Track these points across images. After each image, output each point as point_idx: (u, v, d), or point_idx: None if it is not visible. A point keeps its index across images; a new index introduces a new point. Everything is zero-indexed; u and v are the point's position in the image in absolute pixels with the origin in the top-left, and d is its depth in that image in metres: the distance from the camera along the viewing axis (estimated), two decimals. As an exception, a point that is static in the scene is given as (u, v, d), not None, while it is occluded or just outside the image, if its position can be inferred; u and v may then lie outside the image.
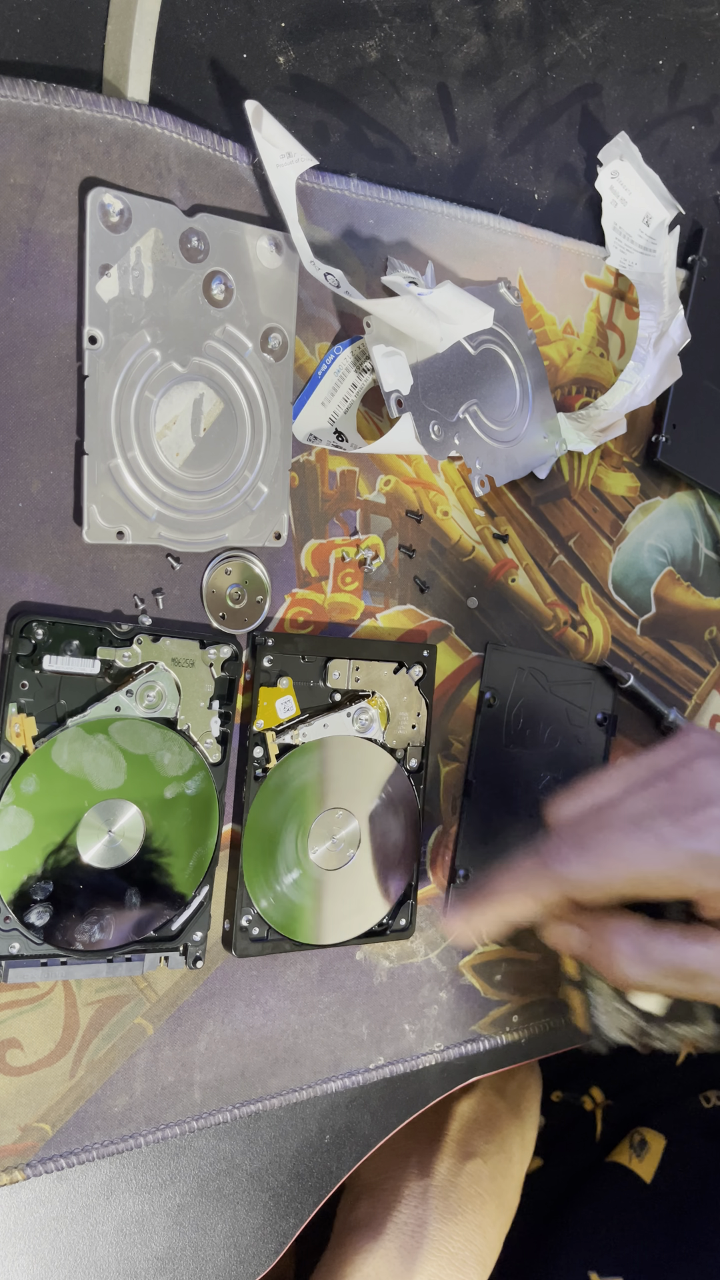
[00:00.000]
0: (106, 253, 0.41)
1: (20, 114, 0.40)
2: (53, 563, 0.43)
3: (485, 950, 0.56)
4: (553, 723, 0.57)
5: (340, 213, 0.48)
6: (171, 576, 0.45)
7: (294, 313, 0.46)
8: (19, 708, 0.42)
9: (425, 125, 0.51)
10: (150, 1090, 0.46)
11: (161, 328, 0.43)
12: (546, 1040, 0.59)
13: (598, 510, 0.58)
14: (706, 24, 0.59)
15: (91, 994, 0.45)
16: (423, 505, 0.52)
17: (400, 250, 0.50)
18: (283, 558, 0.48)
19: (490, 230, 0.52)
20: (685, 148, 0.60)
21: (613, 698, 0.59)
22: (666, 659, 0.62)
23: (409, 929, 0.53)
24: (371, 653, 0.50)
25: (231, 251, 0.44)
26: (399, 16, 0.50)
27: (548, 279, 0.54)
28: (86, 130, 0.41)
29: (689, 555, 0.63)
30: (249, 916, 0.48)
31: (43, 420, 0.42)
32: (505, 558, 0.55)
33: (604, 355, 0.57)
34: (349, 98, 0.49)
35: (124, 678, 0.44)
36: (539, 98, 0.55)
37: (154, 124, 0.42)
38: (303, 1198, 0.52)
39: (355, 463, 0.50)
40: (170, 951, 0.46)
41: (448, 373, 0.49)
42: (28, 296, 0.41)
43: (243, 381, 0.45)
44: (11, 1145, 0.43)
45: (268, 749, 0.47)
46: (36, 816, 0.42)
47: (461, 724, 0.55)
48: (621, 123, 0.57)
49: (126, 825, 0.44)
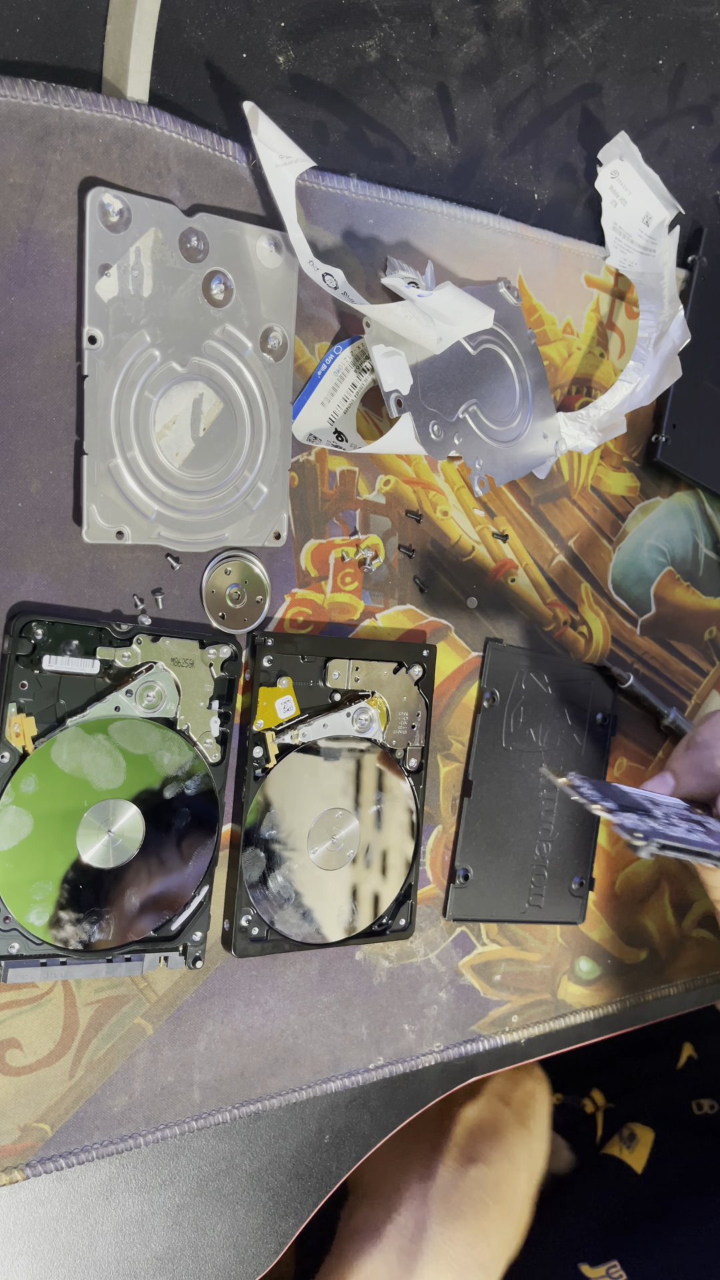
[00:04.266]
0: (106, 252, 0.41)
1: (20, 114, 0.40)
2: (52, 562, 0.43)
3: (485, 950, 0.56)
4: (553, 723, 0.57)
5: (340, 213, 0.48)
6: (171, 576, 0.45)
7: (294, 313, 0.46)
8: (19, 708, 0.42)
9: (425, 125, 0.51)
10: (150, 1090, 0.46)
11: (161, 328, 0.43)
12: (546, 1040, 0.59)
13: (597, 510, 0.58)
14: (706, 24, 0.59)
15: (91, 994, 0.45)
16: (422, 505, 0.52)
17: (400, 250, 0.50)
18: (282, 558, 0.48)
19: (490, 230, 0.52)
20: (685, 148, 0.60)
21: (612, 698, 0.59)
22: (666, 659, 0.62)
23: (409, 929, 0.53)
24: (371, 653, 0.50)
25: (231, 251, 0.44)
26: (399, 16, 0.50)
27: (548, 279, 0.54)
28: (86, 130, 0.41)
29: (689, 555, 0.63)
30: (249, 916, 0.48)
31: (42, 420, 0.42)
32: (505, 558, 0.55)
33: (604, 355, 0.57)
34: (349, 98, 0.49)
35: (123, 678, 0.44)
36: (539, 98, 0.55)
37: (154, 124, 0.42)
38: (302, 1198, 0.52)
39: (355, 463, 0.50)
40: (170, 951, 0.46)
41: (447, 373, 0.49)
42: (27, 296, 0.41)
43: (242, 381, 0.45)
44: (11, 1145, 0.43)
45: (267, 749, 0.47)
46: (36, 816, 0.42)
47: (461, 724, 0.55)
48: (621, 123, 0.57)
49: (126, 825, 0.44)
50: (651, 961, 0.63)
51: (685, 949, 0.64)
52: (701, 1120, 0.68)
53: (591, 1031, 0.61)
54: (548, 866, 0.57)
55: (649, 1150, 0.66)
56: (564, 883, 0.58)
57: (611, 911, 0.61)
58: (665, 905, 0.63)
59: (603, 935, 0.61)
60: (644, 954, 0.63)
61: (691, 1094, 0.71)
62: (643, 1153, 0.66)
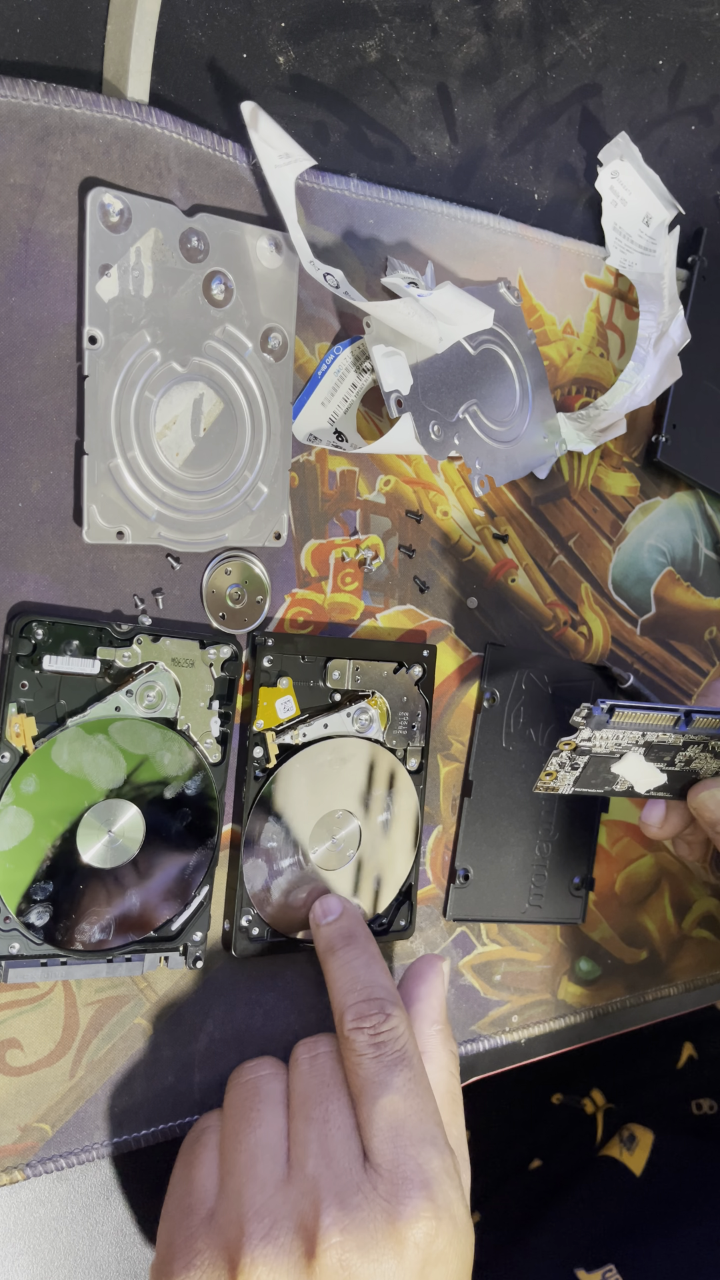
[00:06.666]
0: (106, 253, 0.41)
1: (20, 114, 0.40)
2: (53, 563, 0.43)
3: (485, 950, 0.56)
4: (553, 723, 0.57)
5: (340, 213, 0.48)
6: (171, 576, 0.45)
7: (294, 313, 0.46)
8: (19, 708, 0.42)
9: (425, 125, 0.51)
10: (150, 1090, 0.46)
11: (161, 328, 0.43)
12: (546, 1040, 0.59)
13: (598, 510, 0.58)
14: (706, 24, 0.59)
15: (91, 994, 0.45)
16: (423, 505, 0.52)
17: (400, 250, 0.50)
18: (283, 558, 0.48)
19: (490, 230, 0.52)
20: (685, 148, 0.60)
21: (612, 698, 0.59)
22: (666, 659, 0.62)
23: (409, 929, 0.53)
24: (371, 653, 0.50)
25: (231, 251, 0.44)
26: (399, 16, 0.50)
27: (548, 279, 0.54)
28: (86, 130, 0.41)
29: (689, 555, 0.63)
30: (249, 916, 0.48)
31: (43, 420, 0.42)
32: (505, 558, 0.55)
33: (604, 355, 0.57)
34: (349, 98, 0.49)
35: (124, 678, 0.44)
36: (539, 98, 0.55)
37: (154, 124, 0.42)
38: (303, 1198, 0.52)
39: (355, 463, 0.50)
40: (170, 951, 0.46)
41: (447, 373, 0.49)
42: (28, 296, 0.41)
43: (243, 381, 0.45)
44: (11, 1145, 0.43)
45: (268, 749, 0.47)
46: (36, 816, 0.42)
47: (461, 724, 0.55)
48: (621, 123, 0.57)
49: (126, 825, 0.44)
50: (651, 961, 0.63)
51: (685, 949, 0.64)
52: (701, 1121, 0.68)
53: (591, 1031, 0.61)
54: (548, 866, 0.57)
55: (648, 1153, 0.66)
56: (564, 883, 0.58)
57: (611, 911, 0.61)
58: (665, 905, 0.64)
59: (603, 935, 0.61)
60: (644, 954, 0.63)
61: (691, 1094, 0.71)
62: (642, 1155, 0.66)
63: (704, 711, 0.48)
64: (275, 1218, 0.38)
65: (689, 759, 0.50)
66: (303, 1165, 0.39)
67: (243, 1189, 0.39)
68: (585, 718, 0.45)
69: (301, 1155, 0.40)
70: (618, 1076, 0.74)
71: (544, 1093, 0.76)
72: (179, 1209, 0.41)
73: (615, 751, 0.48)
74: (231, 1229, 0.38)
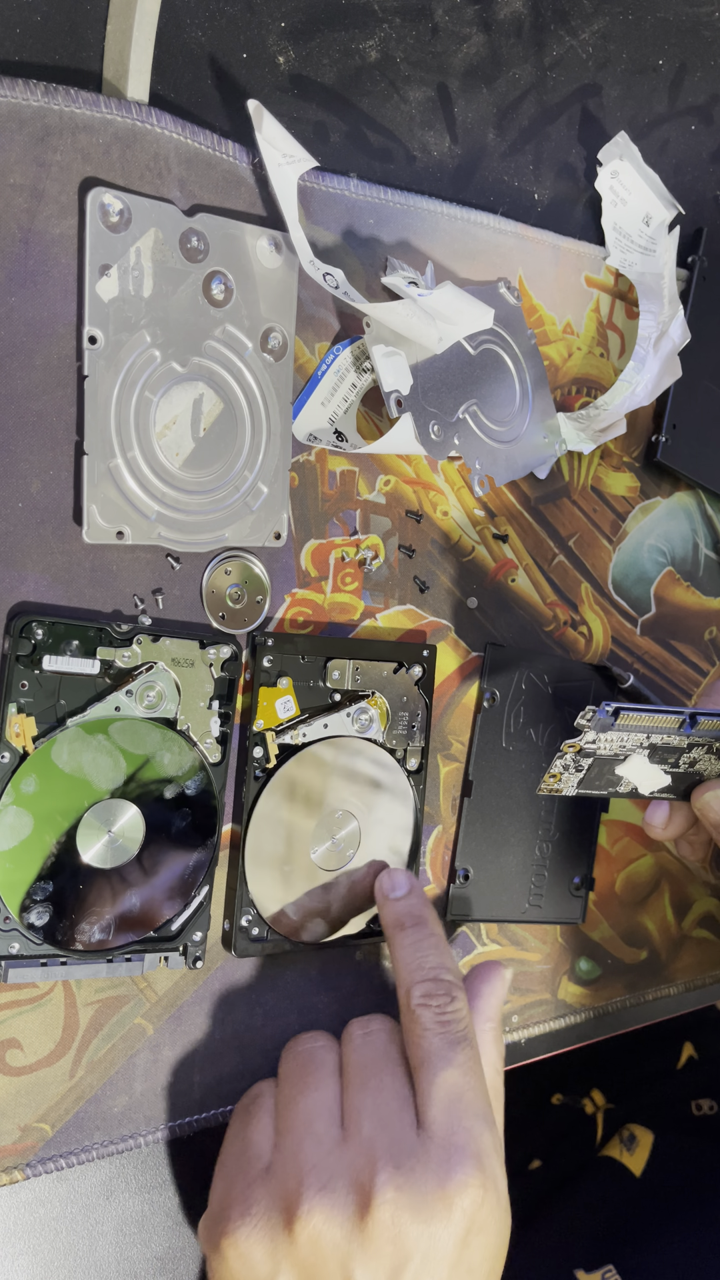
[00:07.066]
0: (106, 253, 0.41)
1: (20, 114, 0.40)
2: (52, 563, 0.43)
3: (485, 950, 0.56)
4: (553, 723, 0.57)
5: (340, 213, 0.48)
6: (171, 576, 0.45)
7: (294, 313, 0.46)
8: (19, 708, 0.42)
9: (425, 125, 0.51)
10: (150, 1090, 0.46)
11: (161, 328, 0.43)
12: (546, 1040, 0.59)
13: (598, 510, 0.58)
14: (706, 24, 0.59)
15: (91, 994, 0.45)
16: (422, 505, 0.52)
17: (400, 250, 0.50)
18: (283, 558, 0.48)
19: (490, 230, 0.52)
20: (685, 148, 0.60)
21: (612, 698, 0.59)
22: (666, 659, 0.62)
23: (409, 929, 0.53)
24: (371, 653, 0.50)
25: (231, 251, 0.44)
26: (399, 16, 0.50)
27: (548, 279, 0.54)
28: (86, 130, 0.41)
29: (689, 555, 0.63)
30: (249, 916, 0.48)
31: (43, 420, 0.42)
32: (505, 558, 0.55)
33: (604, 355, 0.57)
34: (349, 98, 0.49)
35: (124, 678, 0.44)
36: (539, 98, 0.55)
37: (154, 124, 0.42)
38: (303, 1198, 0.52)
39: (355, 463, 0.50)
40: (170, 951, 0.46)
41: (447, 373, 0.49)
42: (28, 296, 0.41)
43: (243, 381, 0.45)
44: (11, 1145, 0.43)
45: (267, 749, 0.47)
46: (36, 816, 0.42)
47: (461, 724, 0.55)
48: (621, 123, 0.57)
49: (126, 825, 0.44)
50: (651, 961, 0.63)
51: (685, 949, 0.64)
52: (701, 1121, 0.68)
53: (591, 1031, 0.61)
54: (548, 866, 0.57)
55: (648, 1153, 0.66)
56: (564, 883, 0.58)
57: (611, 911, 0.61)
58: (665, 905, 0.64)
59: (603, 935, 0.61)
60: (644, 954, 0.63)
61: (691, 1094, 0.71)
62: (642, 1156, 0.66)
63: (709, 714, 0.48)
64: (332, 1173, 0.40)
65: (693, 761, 0.50)
66: (359, 1128, 0.41)
67: (300, 1145, 0.41)
68: (590, 720, 0.45)
69: (357, 1119, 0.41)
70: (618, 1077, 0.74)
71: (544, 1093, 0.76)
72: (235, 1164, 0.43)
73: (619, 753, 0.48)
74: (290, 1180, 0.40)
